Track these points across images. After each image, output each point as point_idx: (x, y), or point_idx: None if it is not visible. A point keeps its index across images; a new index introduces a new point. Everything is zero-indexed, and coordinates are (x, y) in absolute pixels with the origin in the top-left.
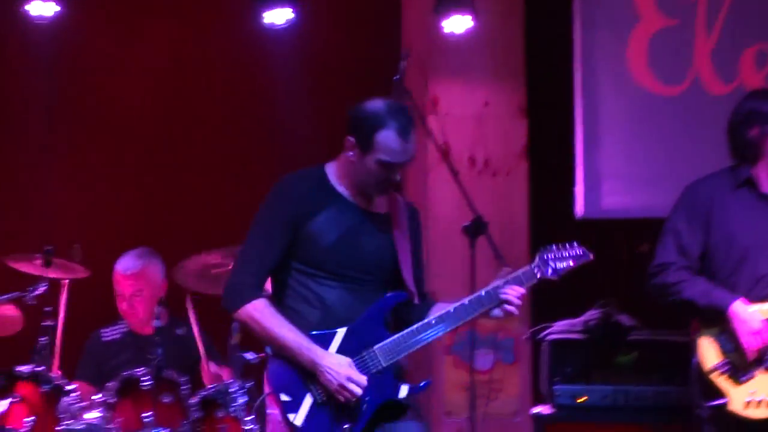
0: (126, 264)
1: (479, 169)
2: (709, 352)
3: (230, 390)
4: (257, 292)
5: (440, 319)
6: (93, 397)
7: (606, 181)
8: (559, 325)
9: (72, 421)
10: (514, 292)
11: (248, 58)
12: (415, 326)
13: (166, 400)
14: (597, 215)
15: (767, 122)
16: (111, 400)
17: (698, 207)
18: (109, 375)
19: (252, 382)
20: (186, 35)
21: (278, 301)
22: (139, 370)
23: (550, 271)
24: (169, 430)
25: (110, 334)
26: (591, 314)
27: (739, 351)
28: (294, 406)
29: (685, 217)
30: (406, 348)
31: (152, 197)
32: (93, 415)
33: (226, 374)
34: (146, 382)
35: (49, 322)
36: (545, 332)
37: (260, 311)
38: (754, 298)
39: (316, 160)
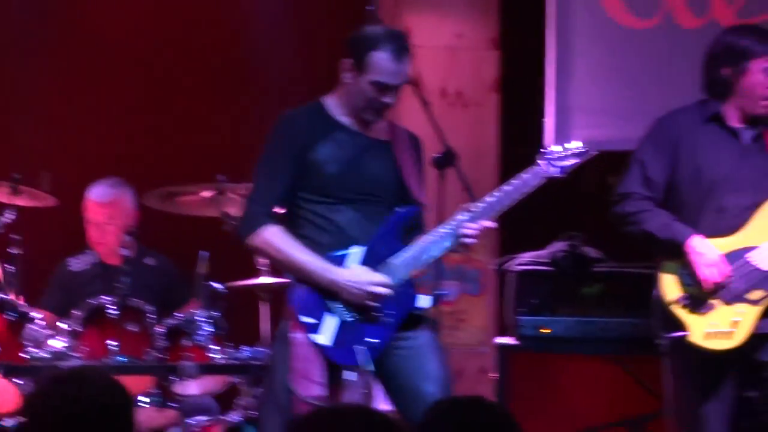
0: (99, 192)
1: (450, 100)
2: (670, 285)
3: (196, 319)
4: (270, 220)
5: (455, 226)
6: (58, 325)
7: (576, 114)
8: (526, 256)
9: (37, 348)
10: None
11: None
12: (432, 235)
13: (132, 328)
14: None
15: (742, 60)
16: (76, 328)
17: (666, 140)
18: (76, 305)
19: (219, 312)
20: None
21: (293, 233)
22: (106, 299)
23: (556, 169)
24: (134, 358)
25: (78, 263)
26: (557, 246)
27: (698, 284)
28: (319, 327)
29: (653, 150)
30: (427, 256)
31: (123, 127)
32: (58, 343)
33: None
34: (112, 311)
35: (16, 251)
36: (511, 263)
37: (275, 236)
38: (716, 230)
39: (293, 98)
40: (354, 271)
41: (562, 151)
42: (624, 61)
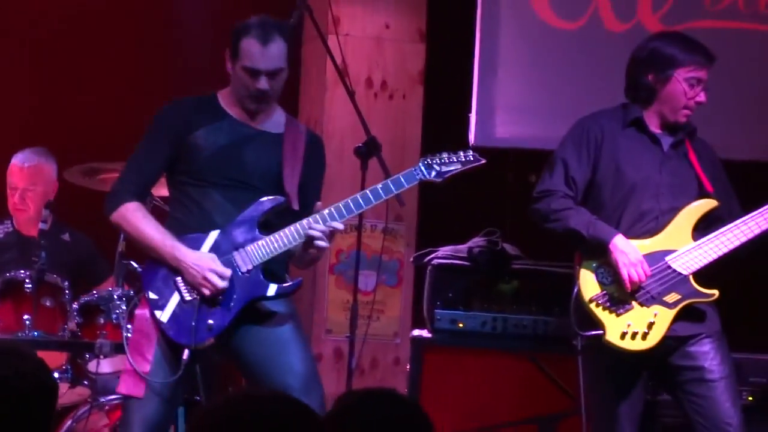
0: (23, 157)
1: (376, 91)
2: (588, 284)
3: (113, 297)
4: (132, 198)
5: (315, 219)
6: None
7: (500, 111)
8: (444, 250)
9: None
10: (320, 227)
11: None
12: (289, 227)
13: (48, 303)
14: (489, 144)
15: (666, 67)
16: None
17: (588, 141)
18: None
19: (134, 292)
20: None
21: (170, 215)
22: (22, 272)
23: (433, 173)
24: (48, 333)
25: None
26: (476, 241)
27: (616, 284)
28: (161, 304)
29: (575, 150)
30: (279, 247)
31: (47, 102)
32: None
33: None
34: (28, 285)
35: None
36: (429, 256)
37: (131, 212)
38: (636, 233)
39: (216, 81)
40: (199, 255)
41: (448, 156)
42: (549, 60)
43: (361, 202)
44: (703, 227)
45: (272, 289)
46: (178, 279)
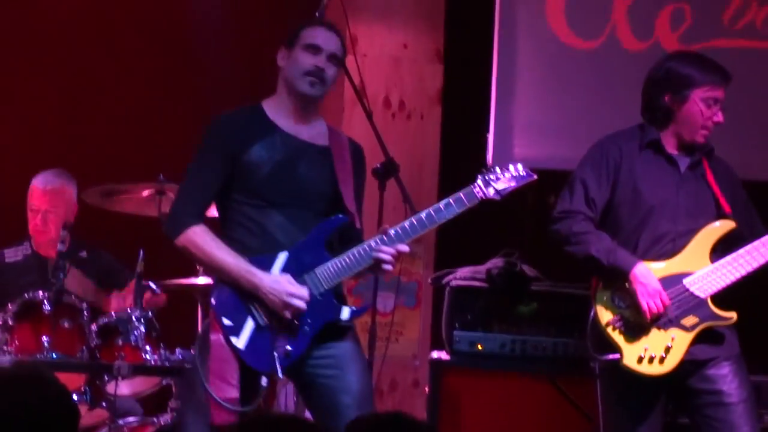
0: (45, 179)
1: (393, 111)
2: (605, 308)
3: (132, 318)
4: (197, 220)
5: (381, 240)
6: None
7: (518, 131)
8: (463, 271)
9: None
10: (389, 250)
11: None
12: (356, 249)
13: (66, 325)
14: None
15: (683, 88)
16: (9, 322)
17: (607, 163)
18: (9, 297)
19: (151, 313)
20: None
21: (223, 235)
22: (40, 293)
23: (492, 191)
24: (67, 355)
25: (13, 254)
26: (495, 262)
27: (633, 308)
28: (236, 330)
29: (594, 171)
30: (348, 270)
31: (65, 124)
32: None
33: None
34: (46, 306)
35: None
36: (448, 278)
37: (200, 236)
38: (652, 255)
39: (237, 100)
40: (277, 278)
41: (502, 172)
42: (567, 80)
43: (426, 222)
44: (723, 248)
45: (346, 313)
46: (253, 304)
